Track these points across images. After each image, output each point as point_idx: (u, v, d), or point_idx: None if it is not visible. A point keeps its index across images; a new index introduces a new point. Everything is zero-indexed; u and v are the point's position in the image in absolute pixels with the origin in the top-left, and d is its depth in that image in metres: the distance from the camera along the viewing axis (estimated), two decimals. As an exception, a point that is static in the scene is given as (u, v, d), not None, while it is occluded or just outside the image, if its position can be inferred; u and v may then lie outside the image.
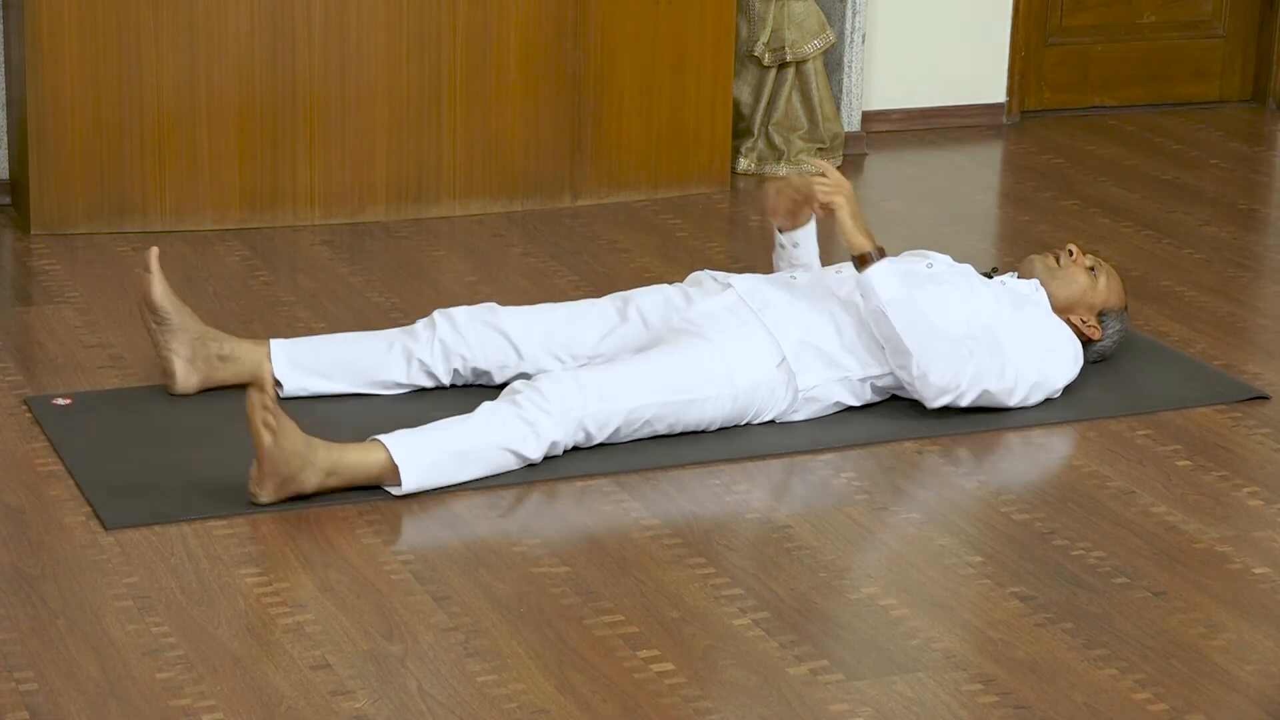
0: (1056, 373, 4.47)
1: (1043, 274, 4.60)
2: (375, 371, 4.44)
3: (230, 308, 5.02)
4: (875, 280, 4.30)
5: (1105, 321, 4.65)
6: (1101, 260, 4.69)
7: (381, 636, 3.45)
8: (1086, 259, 4.64)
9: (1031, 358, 4.43)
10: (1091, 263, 4.64)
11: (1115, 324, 4.67)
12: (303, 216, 5.71)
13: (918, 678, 3.37)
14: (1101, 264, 4.66)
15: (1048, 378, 4.46)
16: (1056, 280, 4.59)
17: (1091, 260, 4.65)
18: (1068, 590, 3.70)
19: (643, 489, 4.07)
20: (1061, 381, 4.50)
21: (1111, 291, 4.65)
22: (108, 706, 3.21)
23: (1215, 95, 7.29)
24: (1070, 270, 4.61)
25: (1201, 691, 3.36)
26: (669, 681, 3.34)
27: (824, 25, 6.29)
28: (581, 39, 5.86)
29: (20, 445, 4.20)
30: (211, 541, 3.78)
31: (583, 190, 5.97)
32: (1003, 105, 6.97)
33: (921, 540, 3.89)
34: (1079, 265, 4.62)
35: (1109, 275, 4.66)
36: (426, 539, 3.84)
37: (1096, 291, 4.62)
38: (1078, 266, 4.62)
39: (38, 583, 3.61)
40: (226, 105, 5.59)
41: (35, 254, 5.39)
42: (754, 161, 6.32)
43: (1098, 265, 4.65)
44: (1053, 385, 4.48)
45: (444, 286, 5.22)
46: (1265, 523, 4.01)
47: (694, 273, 4.62)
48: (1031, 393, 4.45)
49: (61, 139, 5.50)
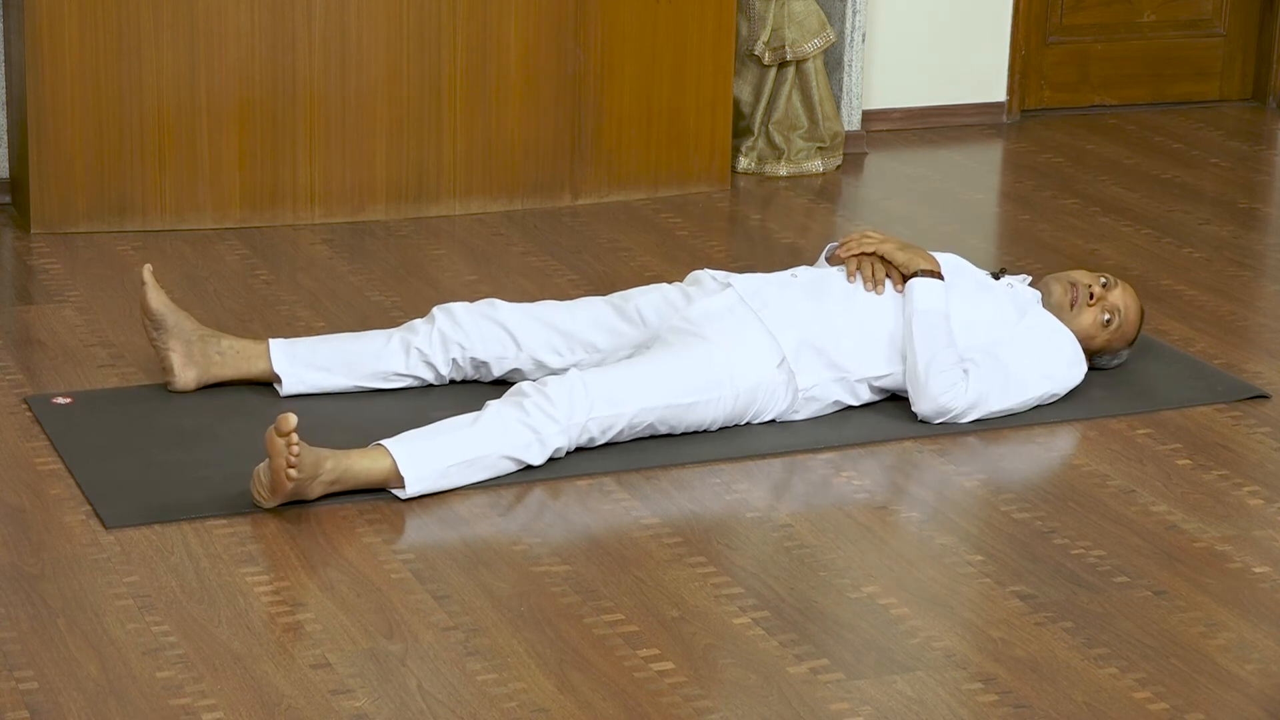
0: (1059, 384, 4.46)
1: (1055, 308, 4.55)
2: (374, 363, 4.44)
3: (230, 307, 5.02)
4: (918, 288, 4.32)
5: (1096, 358, 4.62)
6: (1119, 309, 4.57)
7: (382, 635, 3.45)
8: (1108, 301, 4.55)
9: (1035, 373, 4.42)
10: (1109, 314, 4.55)
11: (1106, 358, 4.65)
12: (303, 215, 5.71)
13: (918, 677, 3.37)
14: (1119, 313, 4.56)
15: (1050, 392, 4.46)
16: (1064, 317, 4.55)
17: (1110, 309, 4.55)
18: (1068, 589, 3.70)
19: (643, 488, 4.07)
20: (1063, 389, 4.49)
21: (1116, 338, 4.60)
22: (108, 705, 3.21)
23: (1215, 94, 7.29)
24: (1082, 313, 4.56)
25: (1201, 690, 3.36)
26: (669, 680, 3.34)
27: (824, 24, 6.29)
28: (582, 38, 5.86)
29: (20, 444, 4.20)
30: (212, 540, 3.78)
31: (583, 189, 5.96)
32: (1003, 104, 6.96)
33: (922, 539, 3.89)
34: (1095, 309, 4.56)
35: (1123, 325, 4.58)
36: (427, 538, 3.84)
37: (1097, 340, 4.57)
38: (1093, 310, 4.56)
39: (38, 582, 3.61)
40: (227, 104, 5.59)
41: (35, 253, 5.39)
42: (754, 160, 6.32)
43: (1114, 316, 4.57)
44: (1054, 395, 4.48)
45: (444, 285, 5.22)
46: (1265, 522, 4.01)
47: (693, 272, 4.62)
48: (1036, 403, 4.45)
49: (62, 138, 5.50)
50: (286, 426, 3.76)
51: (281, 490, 3.84)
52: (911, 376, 4.34)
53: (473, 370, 4.50)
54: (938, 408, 4.33)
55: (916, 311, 4.33)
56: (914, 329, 4.32)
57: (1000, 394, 4.38)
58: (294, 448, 3.78)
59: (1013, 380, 4.39)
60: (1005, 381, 4.38)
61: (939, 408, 4.33)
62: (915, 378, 4.33)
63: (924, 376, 4.31)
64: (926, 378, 4.31)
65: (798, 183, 6.26)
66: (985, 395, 4.36)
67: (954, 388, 4.32)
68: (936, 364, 4.31)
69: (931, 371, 4.31)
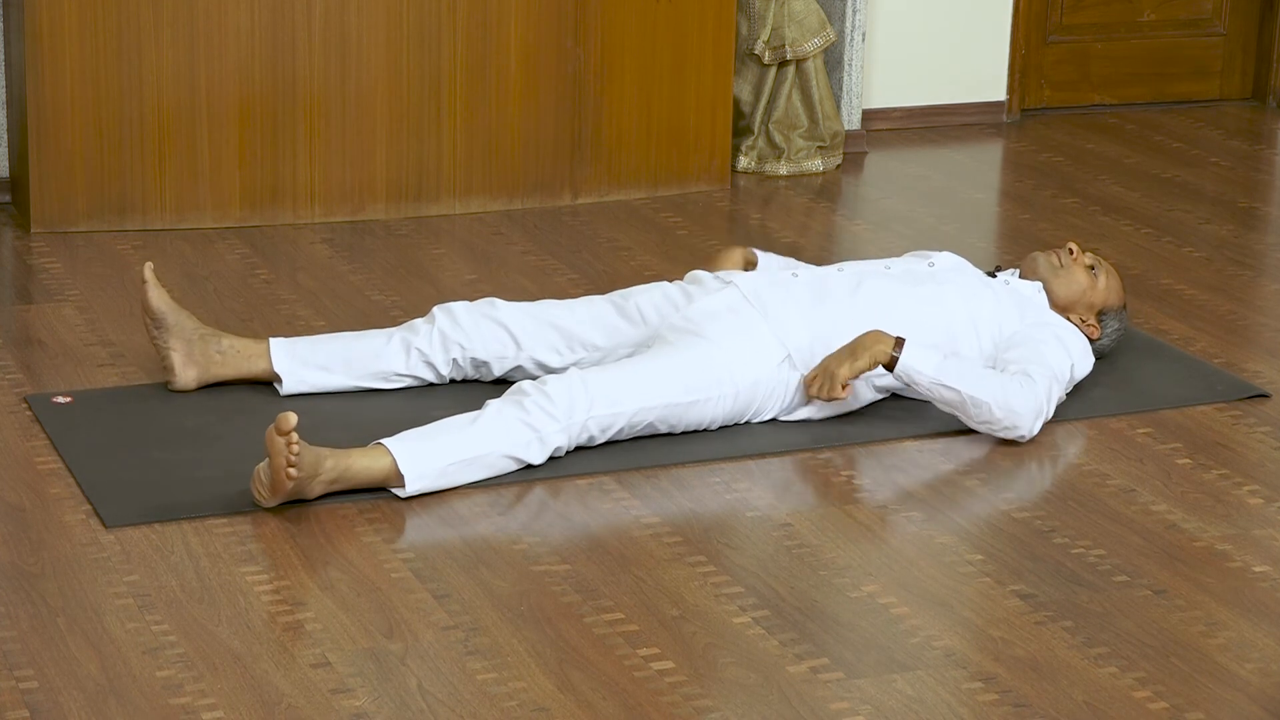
0: (1079, 364, 4.46)
1: (1046, 271, 4.60)
2: (374, 362, 4.44)
3: (230, 306, 5.02)
4: (911, 362, 4.27)
5: (1104, 320, 4.65)
6: (1101, 259, 4.69)
7: (382, 635, 3.45)
8: (1086, 257, 4.64)
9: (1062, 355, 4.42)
10: (1091, 261, 4.64)
11: (1114, 323, 4.67)
12: (303, 214, 5.71)
13: (918, 676, 3.37)
14: (1101, 262, 4.66)
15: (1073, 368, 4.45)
16: (1059, 278, 4.58)
17: (1091, 259, 4.65)
18: (1068, 588, 3.70)
19: (643, 487, 4.07)
20: (1082, 371, 4.49)
21: (1111, 291, 4.65)
22: (108, 704, 3.21)
23: (1215, 93, 7.29)
24: (1071, 269, 4.60)
25: (1201, 690, 3.36)
26: (669, 680, 3.34)
27: (824, 23, 6.29)
28: (582, 37, 5.86)
29: (20, 443, 4.20)
30: (212, 539, 3.78)
31: (583, 188, 5.97)
32: (1003, 103, 6.96)
33: (922, 538, 3.89)
34: (1079, 264, 4.62)
35: (1108, 274, 4.66)
36: (427, 537, 3.84)
37: (1096, 291, 4.61)
38: (1078, 265, 4.62)
39: (38, 581, 3.61)
40: (227, 103, 5.59)
41: (35, 252, 5.39)
42: (754, 160, 6.32)
43: (1097, 264, 4.65)
44: (1076, 376, 4.47)
45: (444, 284, 5.22)
46: (1265, 521, 4.01)
47: (693, 270, 4.62)
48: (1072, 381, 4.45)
49: (62, 137, 5.50)
50: (286, 426, 3.76)
51: (282, 489, 3.84)
52: (994, 423, 4.27)
53: (473, 370, 4.50)
54: (1033, 414, 4.27)
55: (939, 372, 4.25)
56: (957, 386, 4.23)
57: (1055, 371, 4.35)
58: (294, 447, 3.79)
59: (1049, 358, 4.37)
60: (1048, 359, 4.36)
61: (1034, 413, 4.27)
62: (999, 421, 4.27)
63: (1007, 404, 4.25)
64: (1009, 403, 4.25)
65: (798, 182, 6.26)
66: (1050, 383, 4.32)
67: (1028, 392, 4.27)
68: (999, 395, 4.25)
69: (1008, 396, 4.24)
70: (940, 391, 4.26)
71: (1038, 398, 4.28)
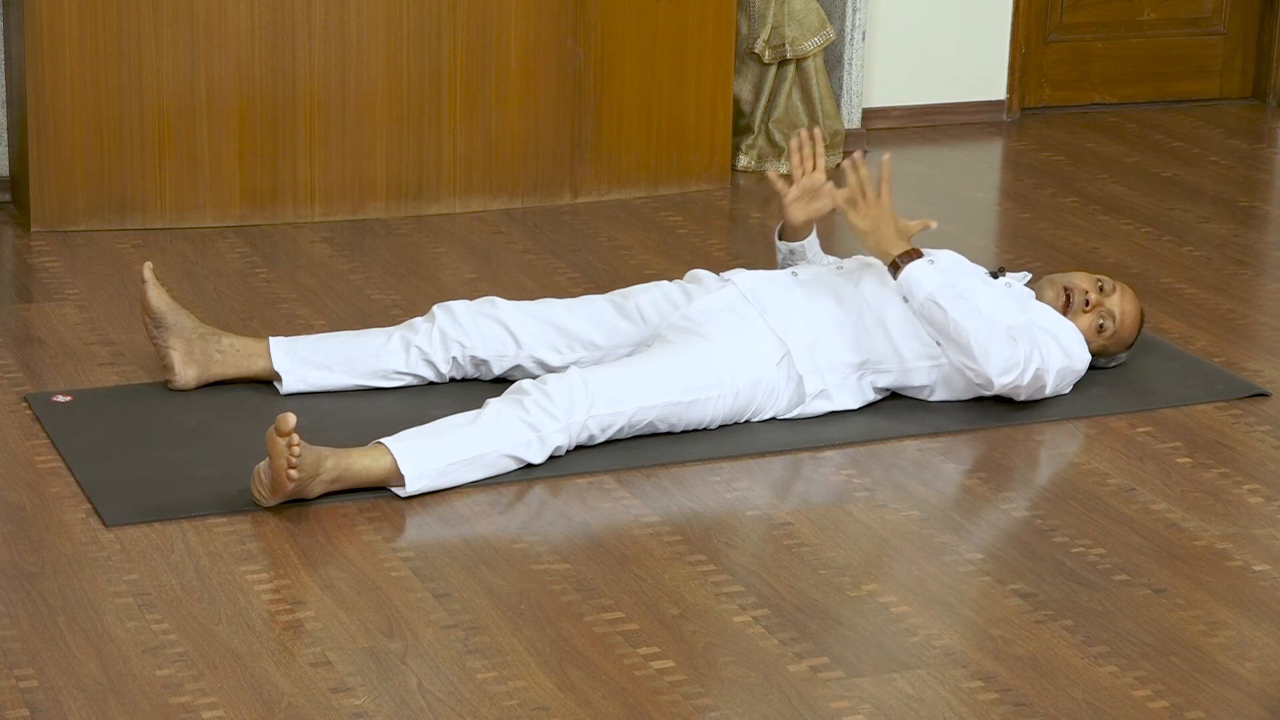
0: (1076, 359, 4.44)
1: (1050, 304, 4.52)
2: (374, 361, 4.44)
3: (231, 305, 5.02)
4: (914, 276, 4.28)
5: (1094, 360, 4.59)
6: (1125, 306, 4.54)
7: (382, 634, 3.46)
8: (1107, 304, 4.51)
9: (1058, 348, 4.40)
10: (1104, 319, 4.52)
11: (1105, 360, 4.63)
12: (303, 214, 5.71)
13: (918, 675, 3.37)
14: (1114, 317, 4.53)
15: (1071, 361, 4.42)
16: None
17: (1105, 316, 4.51)
18: (1068, 587, 3.70)
19: (643, 486, 4.07)
20: (1082, 363, 4.45)
21: (1113, 344, 4.58)
22: (108, 704, 3.21)
23: (1215, 92, 7.29)
24: (1076, 317, 4.51)
25: (1201, 688, 3.36)
26: (669, 679, 3.34)
27: (824, 22, 6.29)
28: (582, 36, 5.86)
29: (20, 442, 4.20)
30: (212, 538, 3.78)
31: (583, 187, 5.97)
32: (1003, 102, 6.96)
33: (922, 537, 3.89)
34: (1090, 316, 4.51)
35: (1119, 330, 4.55)
36: (427, 536, 3.84)
37: (1092, 344, 4.50)
38: (1088, 317, 4.52)
39: (38, 580, 3.61)
40: (227, 102, 5.59)
41: (35, 251, 5.40)
42: (754, 159, 6.32)
43: (1110, 321, 4.53)
44: (1075, 368, 4.44)
45: (444, 283, 5.23)
46: (1265, 520, 4.01)
47: (693, 269, 4.63)
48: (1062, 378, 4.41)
49: (61, 136, 5.50)
50: (286, 426, 3.76)
51: (282, 489, 3.84)
52: (968, 362, 4.28)
53: (473, 368, 4.50)
54: (1003, 365, 4.25)
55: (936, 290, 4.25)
56: (946, 309, 4.23)
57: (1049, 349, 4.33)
58: (294, 448, 3.79)
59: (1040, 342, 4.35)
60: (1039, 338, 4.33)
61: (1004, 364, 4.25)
62: (974, 360, 4.26)
63: (984, 344, 4.23)
64: (988, 344, 4.23)
65: (798, 181, 6.25)
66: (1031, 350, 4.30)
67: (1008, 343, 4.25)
68: (985, 326, 4.23)
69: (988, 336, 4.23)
70: (931, 310, 4.26)
71: (1014, 355, 4.28)
